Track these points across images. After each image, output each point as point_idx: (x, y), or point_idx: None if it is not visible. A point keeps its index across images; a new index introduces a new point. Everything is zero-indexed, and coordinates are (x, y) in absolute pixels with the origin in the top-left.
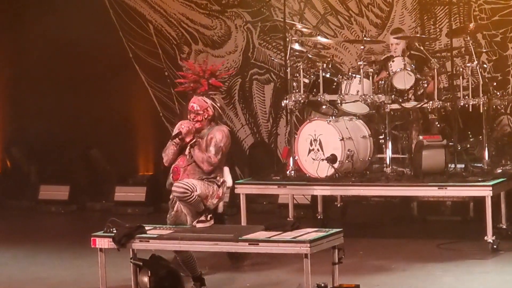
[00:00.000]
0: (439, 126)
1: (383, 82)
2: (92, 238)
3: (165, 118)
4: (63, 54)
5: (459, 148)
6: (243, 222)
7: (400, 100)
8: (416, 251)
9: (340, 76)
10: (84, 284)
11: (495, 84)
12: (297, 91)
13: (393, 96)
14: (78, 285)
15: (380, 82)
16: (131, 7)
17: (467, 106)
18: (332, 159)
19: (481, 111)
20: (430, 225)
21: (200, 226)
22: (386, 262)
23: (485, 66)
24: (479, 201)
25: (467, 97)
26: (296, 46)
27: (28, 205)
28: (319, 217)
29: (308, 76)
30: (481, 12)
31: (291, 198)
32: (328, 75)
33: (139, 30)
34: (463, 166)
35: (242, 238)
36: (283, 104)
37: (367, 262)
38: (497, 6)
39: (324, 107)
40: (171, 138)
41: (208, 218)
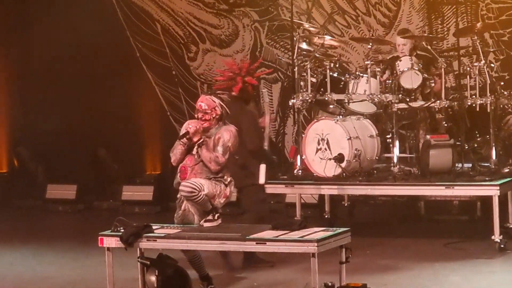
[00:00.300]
0: (446, 125)
1: (390, 81)
2: (99, 237)
3: (172, 117)
4: (70, 53)
5: (466, 147)
6: None
7: (408, 99)
8: (423, 251)
9: (348, 76)
10: (91, 283)
11: (502, 83)
12: (304, 90)
13: (400, 95)
14: (86, 284)
15: (387, 82)
16: (139, 6)
17: (474, 105)
18: (339, 159)
19: (488, 111)
20: (437, 224)
21: (207, 225)
22: (393, 261)
23: (492, 65)
24: (486, 200)
25: (474, 96)
26: (304, 46)
27: (35, 204)
28: (326, 216)
29: (315, 76)
30: (488, 11)
31: (298, 198)
32: (335, 75)
33: (146, 29)
34: (470, 165)
35: (249, 237)
36: (290, 103)
37: (374, 262)
38: (504, 5)
39: (331, 106)
40: (178, 138)
41: (216, 217)
